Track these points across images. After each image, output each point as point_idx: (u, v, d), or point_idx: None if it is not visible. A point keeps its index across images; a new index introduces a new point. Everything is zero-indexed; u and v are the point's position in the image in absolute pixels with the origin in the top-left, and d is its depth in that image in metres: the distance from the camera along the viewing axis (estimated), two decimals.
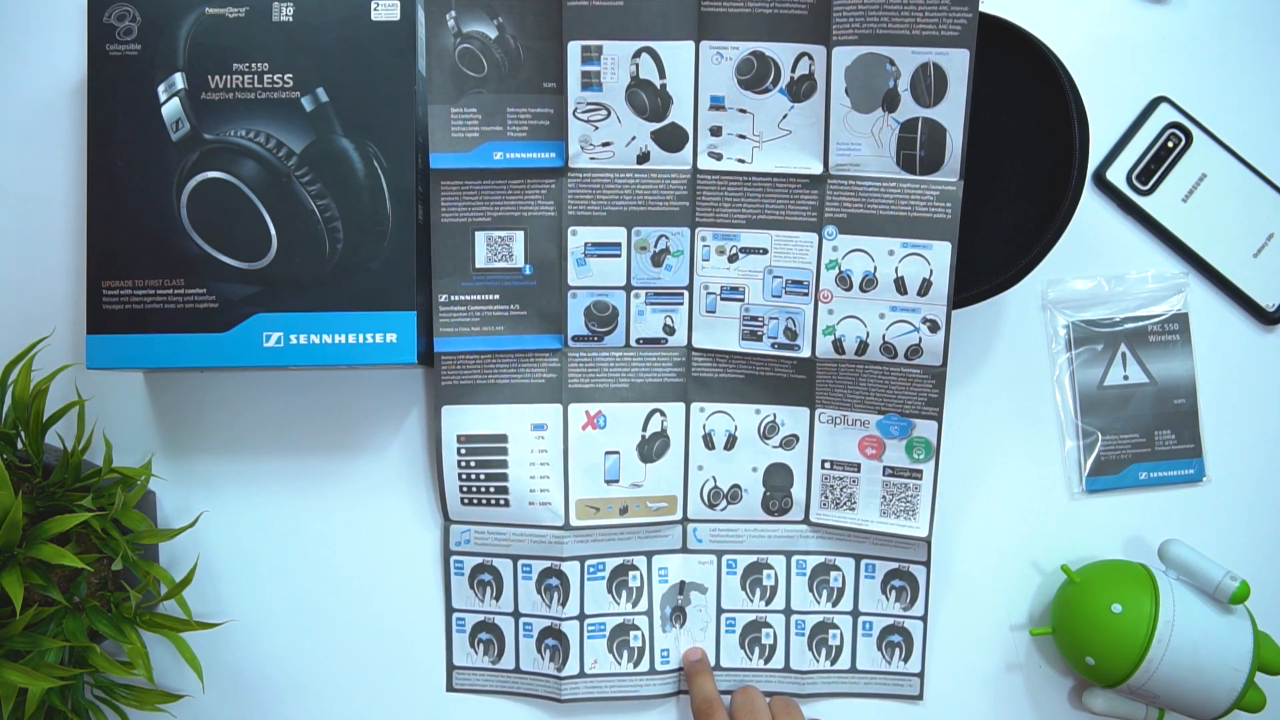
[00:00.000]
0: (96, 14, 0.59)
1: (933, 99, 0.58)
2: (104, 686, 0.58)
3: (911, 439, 0.62)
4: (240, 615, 0.65)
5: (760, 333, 0.62)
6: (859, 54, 0.58)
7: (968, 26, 0.56)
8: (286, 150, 0.59)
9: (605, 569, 0.64)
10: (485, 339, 0.62)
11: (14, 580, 0.51)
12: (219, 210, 0.59)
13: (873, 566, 0.65)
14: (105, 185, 0.59)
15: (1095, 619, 0.60)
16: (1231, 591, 0.58)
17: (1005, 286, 0.60)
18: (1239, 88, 0.66)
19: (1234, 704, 0.58)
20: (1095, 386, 0.66)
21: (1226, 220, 0.66)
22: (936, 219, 0.59)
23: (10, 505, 0.51)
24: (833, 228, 0.61)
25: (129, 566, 0.56)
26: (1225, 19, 0.67)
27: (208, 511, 0.64)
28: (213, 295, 0.59)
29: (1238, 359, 0.66)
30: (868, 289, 0.60)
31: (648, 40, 0.59)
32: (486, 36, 0.59)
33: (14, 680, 0.50)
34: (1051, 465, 0.66)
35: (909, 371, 0.61)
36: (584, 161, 0.61)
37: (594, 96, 0.60)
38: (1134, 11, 0.67)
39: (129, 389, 0.65)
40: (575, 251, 0.62)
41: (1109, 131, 0.66)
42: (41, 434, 0.57)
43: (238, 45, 0.58)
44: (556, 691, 0.64)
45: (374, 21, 0.59)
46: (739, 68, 0.59)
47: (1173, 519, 0.66)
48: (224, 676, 0.65)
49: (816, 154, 0.60)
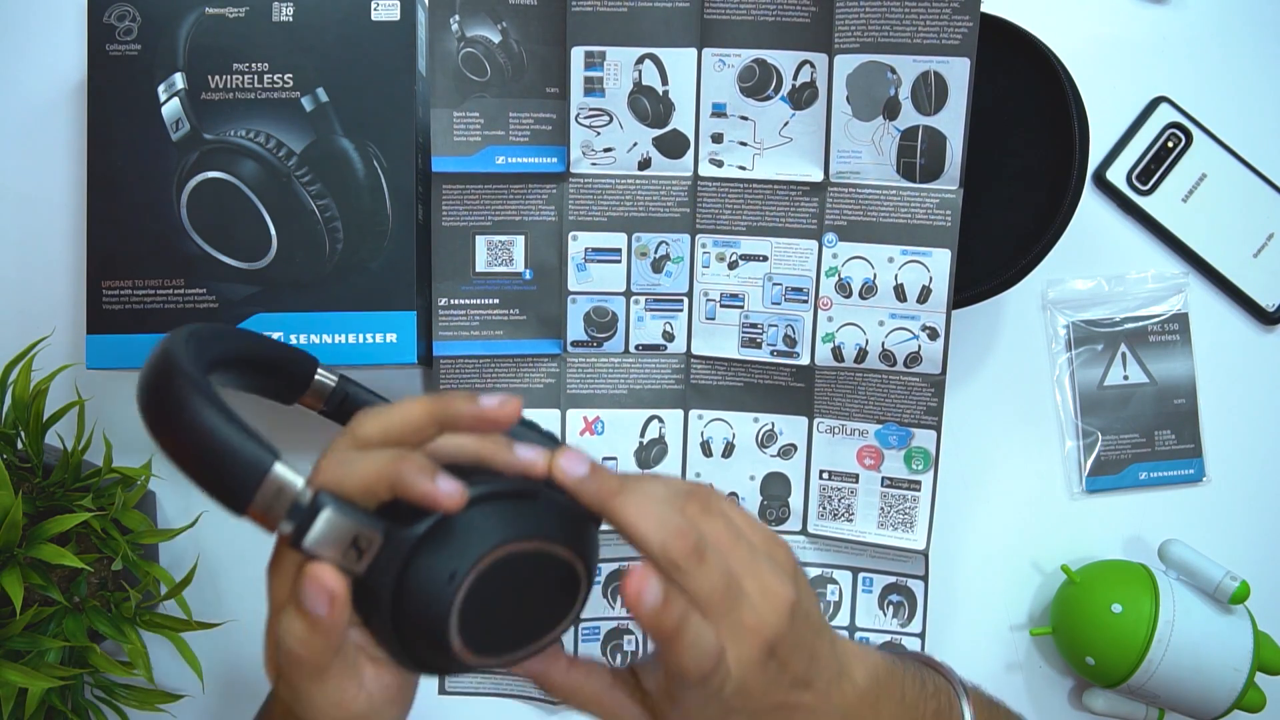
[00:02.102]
0: (96, 14, 0.59)
1: (933, 107, 0.58)
2: (104, 686, 0.58)
3: (910, 449, 0.62)
4: (240, 615, 0.65)
5: (759, 340, 0.62)
6: (860, 62, 0.58)
7: (968, 36, 0.56)
8: (286, 150, 0.59)
9: (601, 573, 0.64)
10: (484, 343, 0.62)
11: (14, 580, 0.51)
12: (219, 210, 0.59)
13: (870, 580, 0.64)
14: (105, 185, 0.59)
15: (1095, 619, 0.60)
16: (1231, 591, 0.58)
17: (1005, 286, 0.60)
18: (1239, 88, 0.66)
19: (1234, 704, 0.58)
20: (1095, 386, 0.66)
21: (1226, 220, 0.66)
22: (936, 227, 0.59)
23: (10, 505, 0.51)
24: (833, 235, 0.61)
25: (129, 566, 0.56)
26: (1225, 19, 0.67)
27: (208, 511, 0.64)
28: (213, 295, 0.59)
29: (1238, 359, 0.66)
30: (867, 296, 0.60)
31: (650, 47, 0.59)
32: (490, 41, 0.59)
33: (14, 680, 0.50)
34: (1051, 465, 0.66)
35: (908, 380, 0.61)
36: (585, 167, 0.61)
37: (596, 102, 0.60)
38: (1134, 11, 0.67)
39: (129, 389, 0.65)
40: (575, 257, 0.62)
41: (1109, 131, 0.66)
42: (41, 434, 0.57)
43: (238, 45, 0.58)
44: None
45: (374, 21, 0.59)
46: (741, 75, 0.59)
47: (1173, 519, 0.66)
48: (224, 676, 0.65)
49: (817, 161, 0.60)
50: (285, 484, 0.32)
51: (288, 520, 0.33)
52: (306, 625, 0.33)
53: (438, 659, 0.36)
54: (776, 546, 0.40)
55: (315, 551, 0.33)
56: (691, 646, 0.35)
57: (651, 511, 0.37)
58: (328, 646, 0.34)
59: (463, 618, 0.34)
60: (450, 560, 0.34)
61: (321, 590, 0.33)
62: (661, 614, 0.35)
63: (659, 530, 0.36)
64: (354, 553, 0.33)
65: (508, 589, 0.36)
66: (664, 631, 0.35)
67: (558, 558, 0.37)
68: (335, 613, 0.33)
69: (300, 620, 0.33)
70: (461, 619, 0.34)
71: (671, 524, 0.36)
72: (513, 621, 0.37)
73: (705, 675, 0.36)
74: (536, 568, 0.36)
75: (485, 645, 0.36)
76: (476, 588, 0.34)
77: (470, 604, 0.34)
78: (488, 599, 0.35)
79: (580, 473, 0.37)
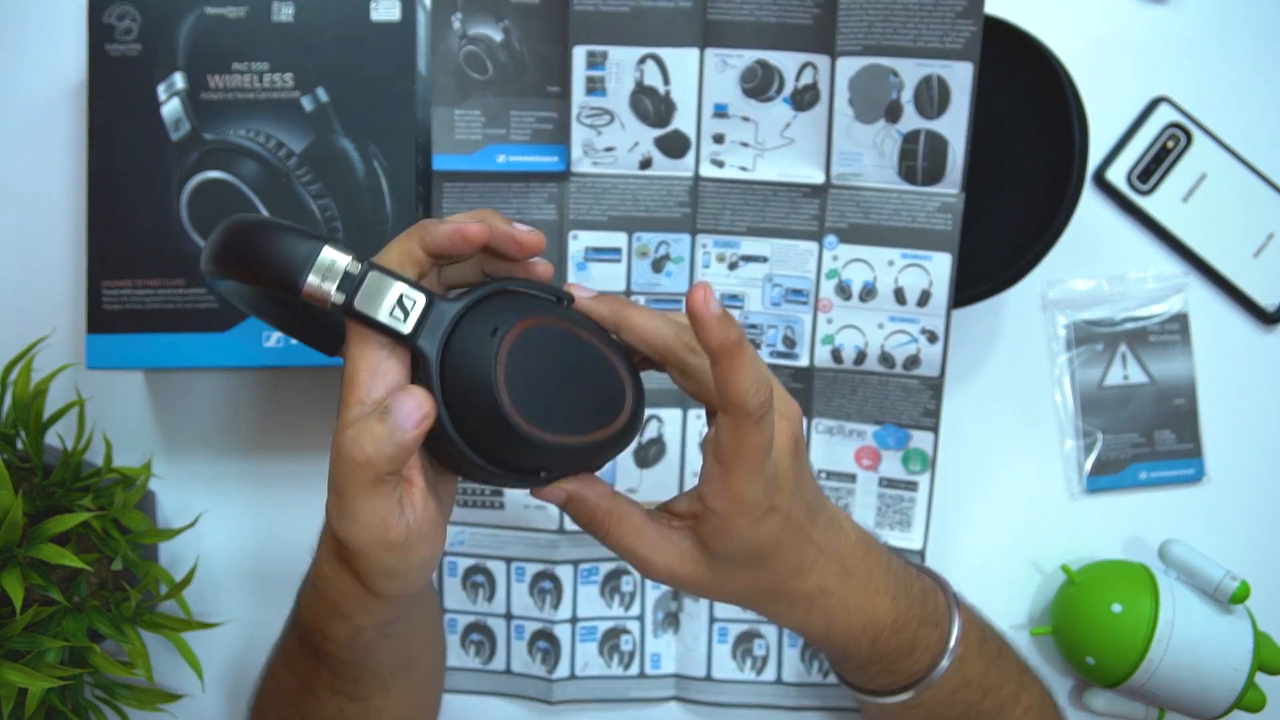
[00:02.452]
0: (96, 14, 0.58)
1: (935, 111, 0.58)
2: (104, 686, 0.58)
3: (908, 450, 0.62)
4: (240, 615, 0.65)
5: (759, 340, 0.62)
6: (863, 65, 0.58)
7: (972, 40, 0.56)
8: (286, 150, 0.59)
9: (599, 573, 0.64)
10: None
11: (14, 580, 0.51)
12: (219, 210, 0.58)
13: None
14: (105, 185, 0.59)
15: (1095, 619, 0.60)
16: (1231, 591, 0.58)
17: (1005, 286, 0.60)
18: (1239, 88, 0.66)
19: (1234, 704, 0.58)
20: (1095, 386, 0.66)
21: (1226, 220, 0.66)
22: (937, 230, 0.59)
23: (10, 505, 0.51)
24: (833, 237, 0.61)
25: (129, 566, 0.56)
26: (1225, 19, 0.67)
27: (208, 511, 0.64)
28: (213, 295, 0.59)
29: (1238, 359, 0.66)
30: (867, 299, 0.60)
31: (653, 46, 0.59)
32: (492, 39, 0.59)
33: (14, 680, 0.50)
34: (1051, 465, 0.66)
35: (906, 382, 0.61)
36: (586, 166, 0.61)
37: (598, 101, 0.60)
38: (1134, 11, 0.67)
39: (129, 389, 0.65)
40: (576, 256, 0.62)
41: (1109, 131, 0.66)
42: (41, 434, 0.57)
43: (238, 45, 0.58)
44: (547, 694, 0.64)
45: (374, 22, 0.59)
46: (743, 76, 0.59)
47: (1173, 519, 0.66)
48: (224, 676, 0.65)
49: (818, 163, 0.60)
50: (335, 259, 0.35)
51: (339, 291, 0.35)
52: (386, 431, 0.35)
53: (486, 422, 0.37)
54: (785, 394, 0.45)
55: (364, 311, 0.36)
56: (750, 366, 0.37)
57: (659, 318, 0.42)
58: (398, 455, 0.35)
59: (509, 373, 0.37)
60: (492, 319, 0.37)
61: (412, 398, 0.35)
62: (727, 322, 0.36)
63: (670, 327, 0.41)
64: (400, 312, 0.36)
65: (552, 365, 0.38)
66: (727, 344, 0.37)
67: (598, 353, 0.40)
68: (422, 423, 0.36)
69: (381, 425, 0.35)
70: (508, 374, 0.37)
71: (682, 327, 0.42)
72: (560, 403, 0.38)
73: (760, 408, 0.38)
74: (579, 356, 0.39)
75: (534, 412, 0.37)
76: (520, 347, 0.37)
77: (515, 362, 0.37)
78: (532, 366, 0.37)
79: (584, 292, 0.42)
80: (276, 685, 0.52)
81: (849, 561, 0.45)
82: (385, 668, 0.49)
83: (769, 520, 0.41)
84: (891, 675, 0.49)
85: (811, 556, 0.44)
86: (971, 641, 0.50)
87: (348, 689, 0.49)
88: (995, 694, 0.51)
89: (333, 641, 0.44)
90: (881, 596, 0.46)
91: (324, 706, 0.50)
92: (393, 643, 0.48)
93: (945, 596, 0.50)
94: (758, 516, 0.40)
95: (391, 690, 0.51)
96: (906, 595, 0.47)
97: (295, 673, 0.50)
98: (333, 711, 0.50)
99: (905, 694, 0.49)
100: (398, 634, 0.48)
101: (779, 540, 0.42)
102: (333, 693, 0.49)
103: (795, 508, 0.42)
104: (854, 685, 0.52)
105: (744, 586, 0.43)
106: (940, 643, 0.49)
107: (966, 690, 0.50)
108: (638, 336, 0.41)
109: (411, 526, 0.38)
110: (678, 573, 0.42)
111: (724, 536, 0.41)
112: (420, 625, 0.54)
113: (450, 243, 0.38)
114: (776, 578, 0.43)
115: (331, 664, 0.46)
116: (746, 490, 0.39)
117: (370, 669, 0.48)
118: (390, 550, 0.37)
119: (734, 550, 0.41)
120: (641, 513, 0.43)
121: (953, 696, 0.49)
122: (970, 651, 0.50)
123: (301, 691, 0.50)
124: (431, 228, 0.38)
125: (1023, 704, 0.52)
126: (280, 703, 0.52)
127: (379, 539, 0.37)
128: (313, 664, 0.47)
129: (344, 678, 0.48)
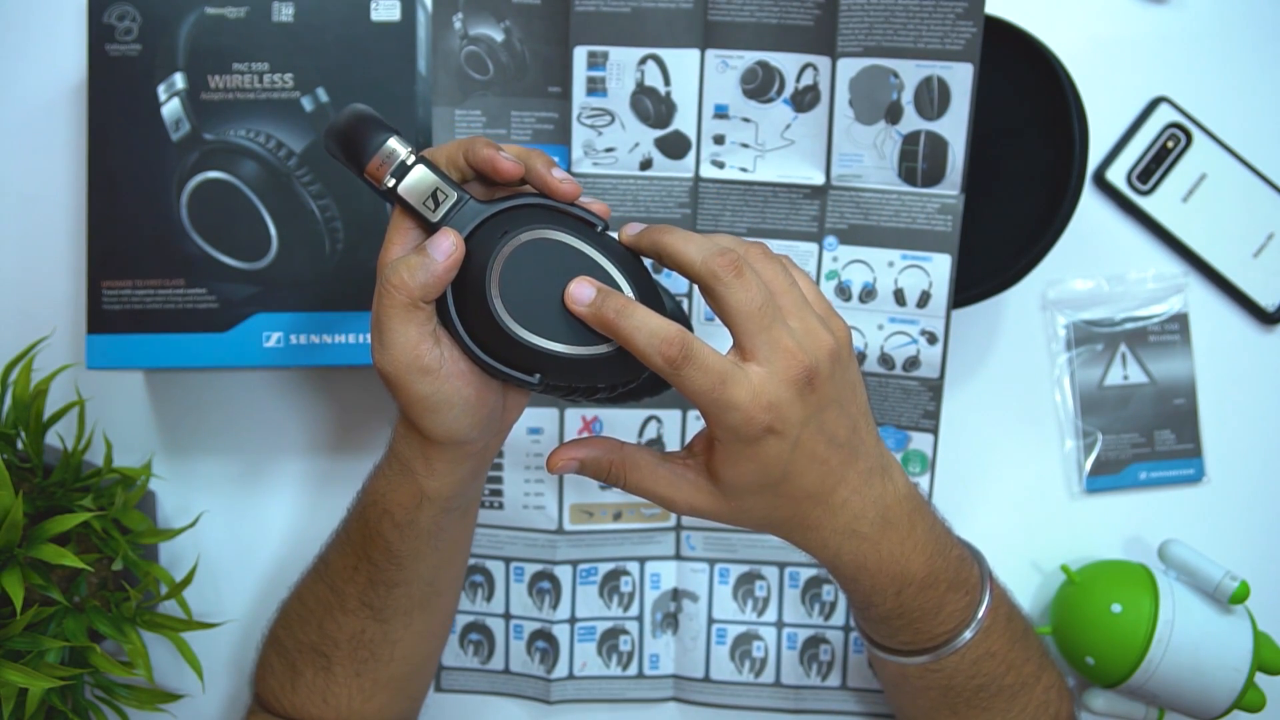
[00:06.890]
0: (96, 14, 0.59)
1: (935, 112, 0.58)
2: (104, 686, 0.58)
3: (907, 452, 0.62)
4: (240, 615, 0.65)
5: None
6: (863, 66, 0.58)
7: (972, 41, 0.56)
8: (286, 150, 0.59)
9: (598, 573, 0.64)
10: None
11: (14, 580, 0.51)
12: (219, 210, 0.58)
13: None
14: (105, 185, 0.59)
15: (1095, 619, 0.60)
16: (1231, 591, 0.58)
17: (1005, 286, 0.60)
18: (1239, 88, 0.66)
19: (1234, 704, 0.58)
20: (1095, 386, 0.66)
21: (1226, 220, 0.66)
22: (937, 231, 0.59)
23: (10, 505, 0.51)
24: (833, 238, 0.61)
25: (129, 566, 0.56)
26: (1225, 19, 0.67)
27: (208, 511, 0.64)
28: (213, 295, 0.59)
29: (1238, 359, 0.66)
30: (867, 300, 0.60)
31: (653, 47, 0.59)
32: (493, 39, 0.59)
33: (14, 680, 0.50)
34: (1051, 465, 0.66)
35: (906, 383, 0.61)
36: (587, 167, 0.61)
37: (598, 102, 0.60)
38: (1134, 11, 0.67)
39: (129, 389, 0.65)
40: None
41: (1109, 131, 0.66)
42: (41, 434, 0.57)
43: (238, 45, 0.58)
44: (546, 694, 0.64)
45: (374, 22, 0.59)
46: (743, 77, 0.59)
47: (1173, 519, 0.66)
48: (224, 676, 0.65)
49: (819, 164, 0.60)
50: (395, 149, 0.42)
51: (391, 175, 0.42)
52: (420, 262, 0.40)
53: (478, 313, 0.41)
54: (833, 316, 0.44)
55: (404, 196, 0.42)
56: (689, 239, 0.42)
57: (697, 240, 0.42)
58: (429, 284, 0.40)
59: (507, 272, 0.41)
60: (511, 225, 0.42)
61: (447, 238, 0.41)
62: (601, 305, 0.40)
63: (701, 251, 0.42)
64: (432, 202, 0.42)
65: (556, 278, 0.41)
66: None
67: (610, 280, 0.42)
68: (452, 255, 0.41)
69: (416, 257, 0.41)
70: (505, 273, 0.41)
71: (717, 247, 0.42)
72: (556, 312, 0.41)
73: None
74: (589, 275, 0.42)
75: (521, 311, 0.41)
76: (526, 253, 0.41)
77: (516, 263, 0.41)
78: (534, 272, 0.41)
79: (634, 228, 0.45)
80: (301, 606, 0.54)
81: (892, 513, 0.45)
82: (421, 581, 0.51)
83: (769, 443, 0.41)
84: (914, 633, 0.49)
85: (843, 494, 0.44)
86: (1000, 616, 0.50)
87: (379, 599, 0.50)
88: (1018, 670, 0.51)
89: (392, 515, 0.47)
90: (918, 554, 0.46)
91: (348, 621, 0.51)
92: (437, 552, 0.50)
93: (980, 568, 0.51)
94: (753, 437, 0.41)
95: (413, 622, 0.52)
96: (942, 557, 0.48)
97: (331, 579, 0.52)
98: (354, 628, 0.51)
99: (924, 657, 0.50)
100: (444, 540, 0.50)
101: (787, 466, 0.42)
102: (362, 604, 0.50)
103: (810, 437, 0.42)
104: (874, 641, 0.53)
105: (762, 514, 0.44)
106: (968, 610, 0.49)
107: (990, 662, 0.50)
108: (670, 257, 0.43)
109: (445, 359, 0.42)
110: (698, 506, 0.44)
111: (726, 463, 0.42)
112: (458, 550, 0.55)
113: (484, 168, 0.43)
114: (798, 506, 0.44)
115: (378, 556, 0.49)
116: (740, 453, 0.41)
117: (409, 576, 0.50)
118: (425, 375, 0.41)
119: (740, 477, 0.42)
120: (653, 456, 0.45)
121: (975, 666, 0.50)
122: (998, 625, 0.50)
123: (330, 604, 0.51)
124: (478, 147, 0.43)
125: (1043, 683, 0.53)
126: (300, 624, 0.53)
127: (412, 362, 0.41)
128: (356, 560, 0.50)
129: (380, 583, 0.50)
